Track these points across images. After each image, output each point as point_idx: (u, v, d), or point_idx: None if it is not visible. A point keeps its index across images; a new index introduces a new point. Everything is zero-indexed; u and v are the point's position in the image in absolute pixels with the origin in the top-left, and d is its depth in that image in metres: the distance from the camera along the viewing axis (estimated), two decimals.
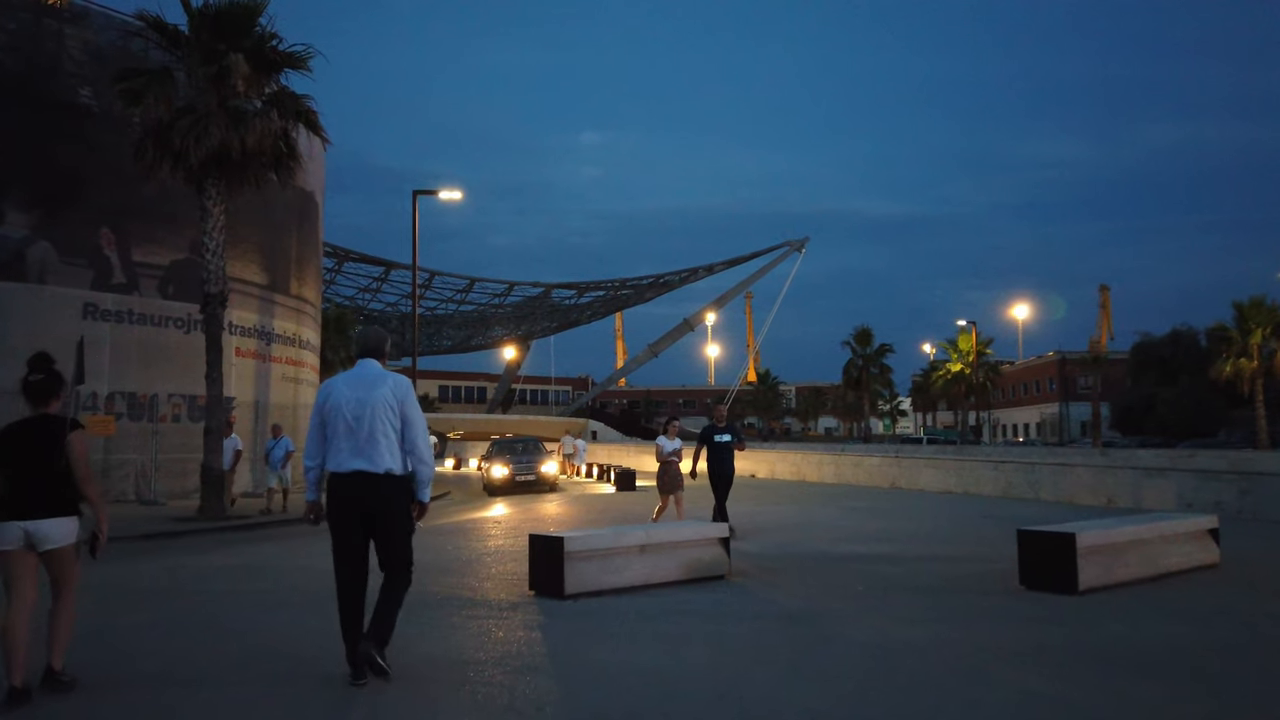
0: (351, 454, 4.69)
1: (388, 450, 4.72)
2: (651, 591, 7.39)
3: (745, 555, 9.45)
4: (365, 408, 4.72)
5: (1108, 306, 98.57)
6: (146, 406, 19.62)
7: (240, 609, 7.26)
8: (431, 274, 64.44)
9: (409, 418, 4.82)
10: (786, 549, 10.43)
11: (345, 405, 4.74)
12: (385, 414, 4.74)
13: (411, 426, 4.81)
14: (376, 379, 4.85)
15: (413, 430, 4.81)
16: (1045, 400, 79.37)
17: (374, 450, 4.68)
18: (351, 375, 4.94)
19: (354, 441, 4.69)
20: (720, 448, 11.77)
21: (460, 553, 10.52)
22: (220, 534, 13.99)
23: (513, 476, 22.49)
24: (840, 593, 7.51)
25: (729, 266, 74.92)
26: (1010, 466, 18.74)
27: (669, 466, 12.15)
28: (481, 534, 12.73)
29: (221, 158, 15.53)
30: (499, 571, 8.89)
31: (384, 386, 4.79)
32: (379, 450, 4.69)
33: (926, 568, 8.82)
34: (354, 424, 4.70)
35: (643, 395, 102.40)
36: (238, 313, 21.83)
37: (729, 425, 12.07)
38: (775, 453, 28.79)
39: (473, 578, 8.54)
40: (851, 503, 17.19)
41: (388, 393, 4.78)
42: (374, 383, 4.82)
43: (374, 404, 4.73)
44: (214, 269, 16.10)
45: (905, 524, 13.35)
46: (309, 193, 25.31)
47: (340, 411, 4.74)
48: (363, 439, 4.69)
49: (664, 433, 12.74)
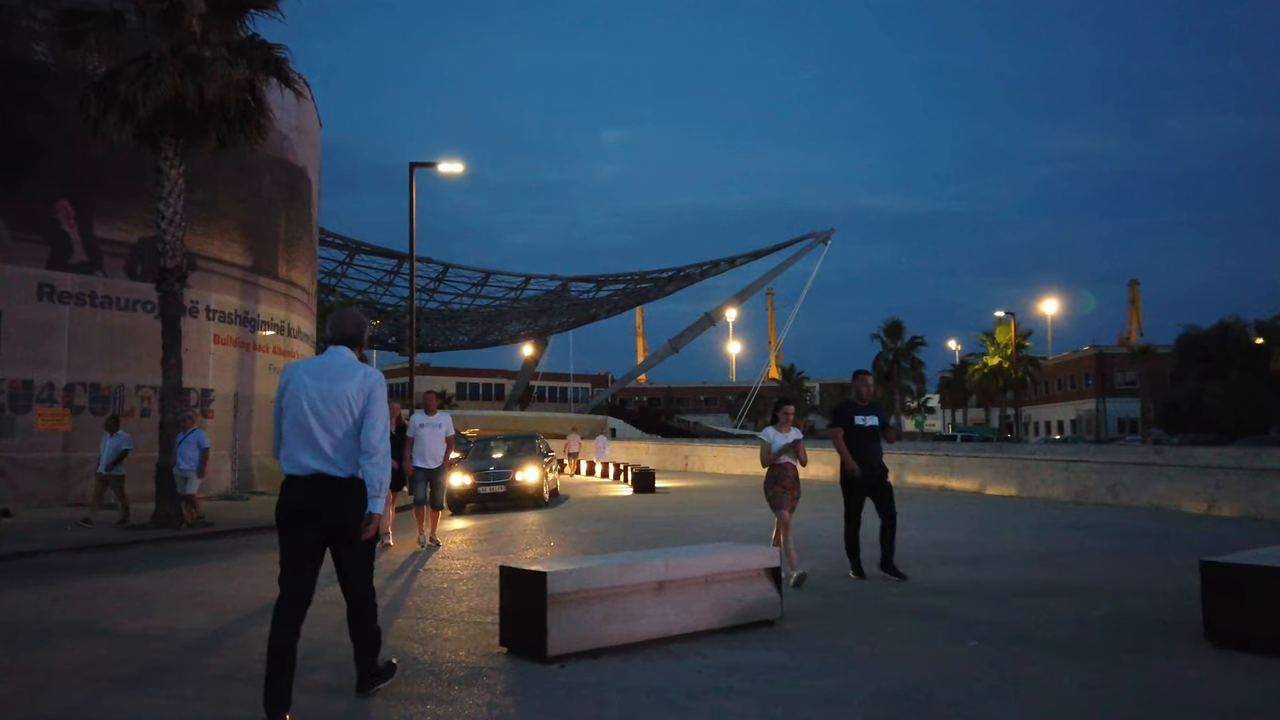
0: (312, 454, 4.13)
1: (354, 452, 4.19)
2: (675, 648, 5.20)
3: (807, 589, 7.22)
4: (330, 403, 4.17)
5: (1137, 302, 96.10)
6: (111, 399, 17.64)
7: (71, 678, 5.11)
8: (446, 266, 62.68)
9: (370, 413, 4.22)
10: (848, 571, 8.18)
11: (307, 397, 4.18)
12: (351, 410, 4.20)
13: (372, 423, 4.21)
14: (346, 370, 4.26)
15: (371, 428, 4.20)
16: (1081, 396, 76.37)
17: (337, 451, 4.14)
18: (317, 363, 4.34)
19: (314, 439, 4.14)
20: (863, 435, 8.18)
21: (426, 578, 8.35)
22: (172, 544, 11.95)
23: (474, 488, 16.13)
24: (945, 649, 5.27)
25: (751, 259, 72.70)
26: (1084, 467, 16.36)
27: (783, 472, 8.28)
28: (462, 550, 10.56)
29: (176, 111, 13.46)
30: (470, 610, 6.71)
31: (352, 379, 4.23)
32: (343, 451, 4.16)
33: (1044, 606, 6.56)
34: (315, 420, 4.15)
35: (663, 392, 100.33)
36: (217, 296, 19.86)
37: (874, 404, 8.52)
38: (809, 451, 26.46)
39: (430, 619, 6.37)
40: (905, 507, 14.84)
41: (355, 386, 4.21)
42: (342, 374, 4.24)
43: (339, 398, 4.18)
44: (171, 240, 14.04)
45: (981, 537, 11.04)
46: (299, 168, 23.30)
47: (299, 403, 4.18)
48: (324, 437, 4.14)
49: (773, 422, 8.60)
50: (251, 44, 14.58)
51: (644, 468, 20.74)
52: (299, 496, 4.12)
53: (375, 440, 4.17)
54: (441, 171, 21.12)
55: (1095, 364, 74.76)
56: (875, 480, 8.18)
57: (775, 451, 8.19)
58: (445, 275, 63.17)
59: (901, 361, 56.58)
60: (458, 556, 9.66)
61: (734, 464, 29.16)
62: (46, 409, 16.49)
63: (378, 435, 4.19)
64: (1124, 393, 72.45)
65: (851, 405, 8.42)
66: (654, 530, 11.99)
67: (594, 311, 76.51)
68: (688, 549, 6.43)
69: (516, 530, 12.50)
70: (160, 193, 14.04)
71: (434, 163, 20.93)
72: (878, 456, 8.26)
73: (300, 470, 4.13)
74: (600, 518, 14.44)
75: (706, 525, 12.54)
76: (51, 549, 11.01)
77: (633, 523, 13.17)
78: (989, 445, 43.16)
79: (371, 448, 4.15)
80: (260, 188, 21.50)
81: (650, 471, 20.17)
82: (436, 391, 13.24)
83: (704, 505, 16.38)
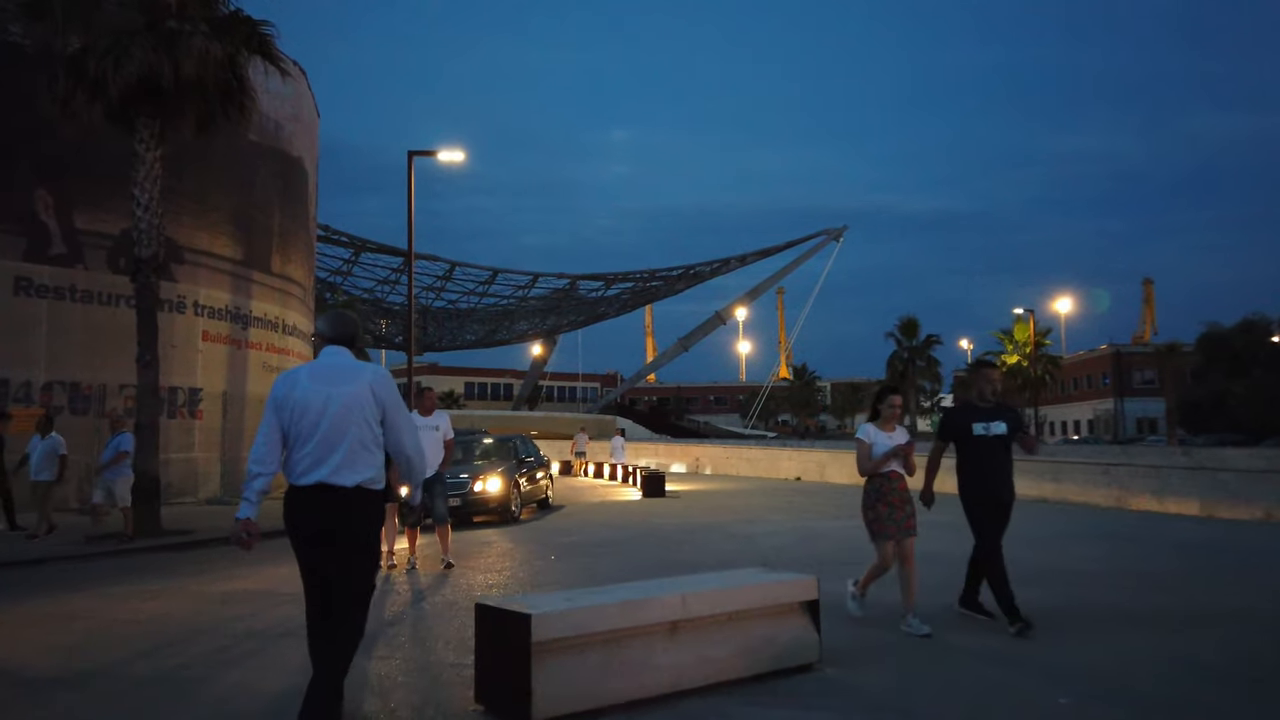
0: (314, 463, 3.85)
1: (363, 459, 3.89)
2: (690, 707, 4.19)
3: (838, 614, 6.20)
4: (336, 405, 3.89)
5: (1151, 300, 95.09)
6: (93, 398, 16.74)
7: None
8: (452, 264, 61.91)
9: (394, 423, 3.99)
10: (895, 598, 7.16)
11: (313, 403, 3.89)
12: (361, 415, 3.91)
13: (397, 429, 4.00)
14: (350, 371, 4.00)
15: (399, 432, 4.01)
16: (1098, 396, 75.02)
17: (343, 459, 3.85)
18: (318, 366, 4.07)
19: (319, 448, 3.85)
20: (988, 449, 6.30)
21: (403, 606, 7.35)
22: (141, 556, 11.01)
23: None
24: (1030, 707, 4.25)
25: (762, 257, 71.73)
26: (1125, 471, 15.27)
27: (888, 485, 6.35)
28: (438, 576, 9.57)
29: (151, 89, 12.53)
30: (449, 645, 5.71)
31: (360, 381, 3.95)
32: (350, 459, 3.86)
33: (1138, 644, 5.52)
34: (323, 426, 3.86)
35: (673, 392, 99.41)
36: (205, 291, 18.94)
37: (1002, 405, 6.52)
38: (826, 452, 25.41)
39: (399, 656, 5.39)
40: (943, 516, 13.81)
41: (364, 389, 3.93)
42: (347, 376, 3.97)
43: (347, 402, 3.90)
44: (146, 227, 13.12)
45: (1033, 550, 9.95)
46: (295, 158, 22.38)
47: (307, 410, 3.89)
48: (330, 445, 3.85)
49: (874, 418, 6.60)
50: (234, 20, 13.65)
51: (653, 470, 19.73)
52: (307, 509, 3.86)
53: (409, 448, 4.05)
54: (441, 160, 20.16)
55: (1112, 363, 73.39)
56: (1003, 508, 6.34)
57: (879, 456, 6.26)
58: (452, 273, 62.37)
59: (917, 360, 55.35)
60: (434, 584, 8.66)
61: (746, 466, 28.10)
62: (23, 409, 15.58)
63: (410, 440, 4.06)
64: (1142, 392, 71.08)
65: (970, 409, 6.41)
66: (662, 544, 10.96)
67: (603, 310, 75.59)
68: (704, 577, 5.37)
69: (501, 550, 11.50)
70: (135, 177, 13.13)
71: (433, 151, 19.97)
72: (1008, 477, 6.32)
73: (306, 481, 3.85)
74: (608, 526, 13.42)
75: (723, 537, 11.49)
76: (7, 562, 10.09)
77: (637, 537, 12.12)
78: None
79: (406, 456, 4.07)
80: (253, 178, 20.59)
81: (660, 475, 19.15)
82: (431, 389, 12.00)
83: (719, 511, 15.36)
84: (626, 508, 16.36)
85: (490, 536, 12.26)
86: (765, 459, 27.62)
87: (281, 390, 3.98)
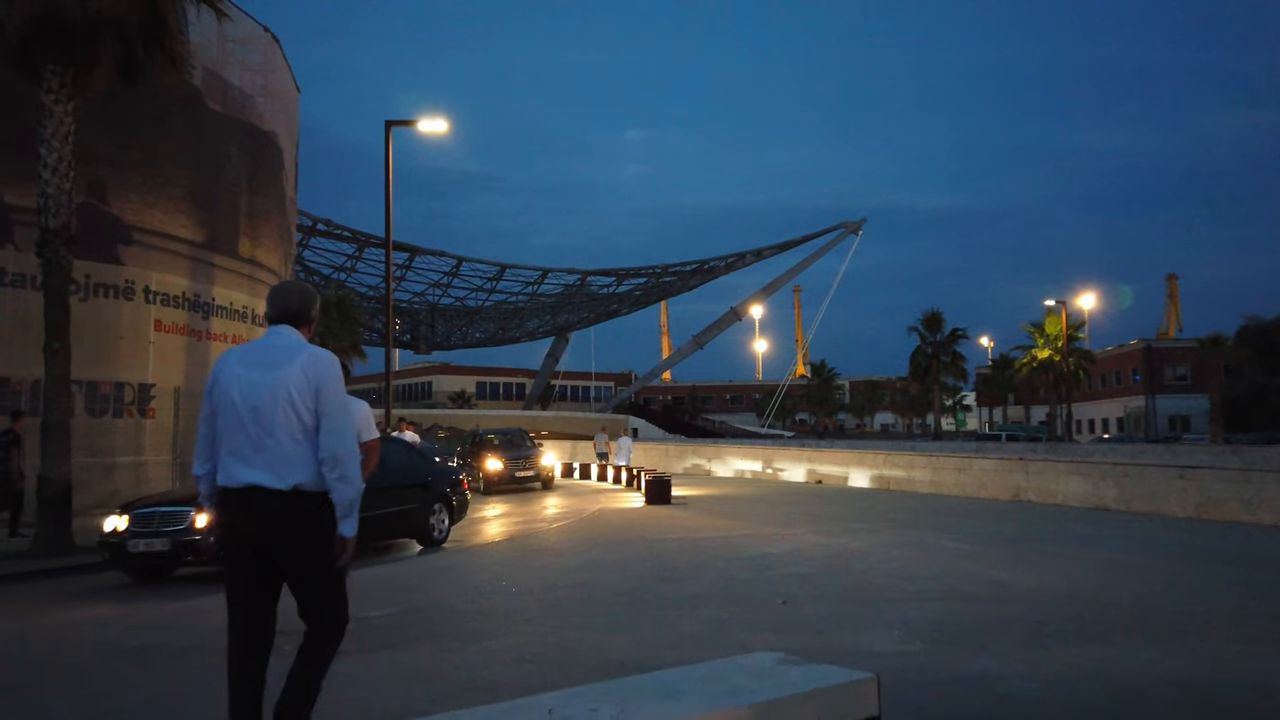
0: (242, 461, 3.33)
1: (296, 456, 3.32)
2: None
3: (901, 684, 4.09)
4: (262, 394, 3.33)
5: (1176, 296, 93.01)
6: (25, 396, 14.85)
7: None
8: (459, 260, 60.29)
9: (326, 411, 3.36)
10: (981, 671, 5.07)
11: (239, 391, 3.36)
12: (290, 404, 3.32)
13: (331, 423, 3.36)
14: (284, 353, 3.39)
15: (331, 430, 3.35)
16: (1128, 393, 72.29)
17: (275, 456, 3.31)
18: (250, 349, 3.53)
19: (247, 443, 3.33)
20: None
21: None
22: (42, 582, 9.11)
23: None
24: None
25: (779, 251, 69.63)
26: (1207, 475, 13.06)
27: None
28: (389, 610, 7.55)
29: (60, 30, 10.63)
30: None
31: (292, 365, 3.35)
32: (282, 456, 3.31)
33: None
34: (248, 417, 3.33)
35: (688, 391, 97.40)
36: (158, 276, 17.03)
37: None
38: (849, 453, 23.22)
39: None
40: (985, 526, 11.68)
41: (296, 373, 3.34)
42: (280, 359, 3.38)
43: (274, 389, 3.32)
44: (55, 193, 11.23)
45: (1138, 582, 7.83)
46: (267, 132, 20.45)
47: (230, 399, 3.37)
48: (259, 440, 3.32)
49: None
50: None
51: (659, 475, 17.66)
52: (234, 515, 3.35)
53: (338, 447, 3.33)
54: (422, 130, 18.20)
55: (1143, 358, 70.67)
56: None
57: None
58: (459, 269, 60.66)
59: (941, 356, 52.96)
60: None
61: (761, 467, 25.95)
62: None
63: (340, 439, 3.34)
64: (1174, 389, 68.38)
65: None
66: (656, 574, 8.87)
67: (615, 307, 73.66)
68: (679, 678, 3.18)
69: (452, 583, 9.47)
70: (43, 134, 11.26)
71: (413, 120, 18.04)
72: None
73: (233, 482, 3.34)
74: (589, 544, 11.36)
75: (732, 561, 9.32)
76: None
77: (627, 562, 9.99)
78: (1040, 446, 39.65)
79: (334, 457, 3.31)
80: (218, 153, 18.66)
81: (666, 480, 17.06)
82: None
83: (730, 523, 13.29)
84: (625, 519, 14.29)
85: (451, 560, 10.21)
86: (781, 460, 25.48)
87: (213, 372, 3.51)
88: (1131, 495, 13.97)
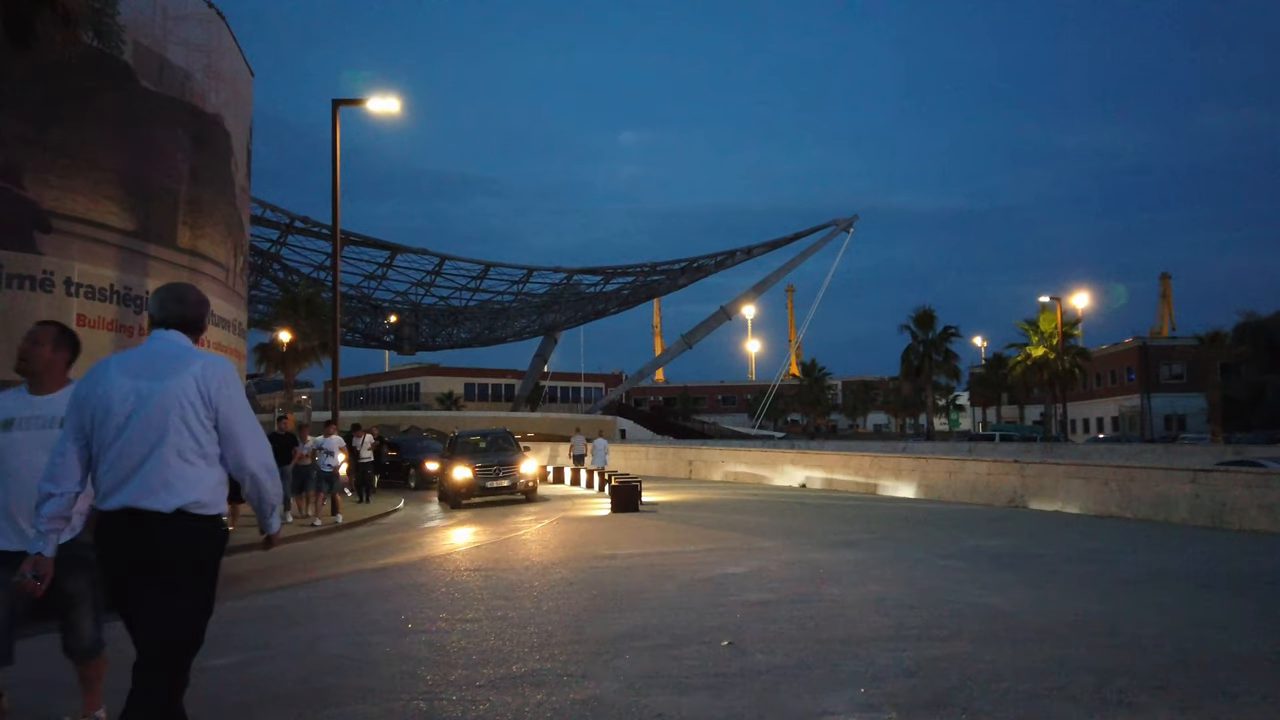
0: (119, 481, 2.96)
1: (184, 477, 2.97)
2: None
3: None
4: (149, 406, 2.97)
5: (1169, 295, 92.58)
6: None
7: None
8: (442, 258, 59.17)
9: (229, 426, 3.04)
10: None
11: (119, 401, 3.00)
12: (180, 417, 2.98)
13: (235, 438, 3.06)
14: (172, 361, 3.05)
15: (238, 442, 3.06)
16: (1123, 392, 71.28)
17: (155, 476, 2.94)
18: (131, 355, 3.15)
19: (127, 461, 2.96)
20: None
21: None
22: None
23: None
24: None
25: (770, 249, 68.65)
26: (1220, 479, 11.84)
27: None
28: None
29: None
30: None
31: (184, 373, 3.02)
32: (165, 476, 2.95)
33: None
34: (130, 432, 2.96)
35: (679, 391, 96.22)
36: (82, 266, 15.68)
37: None
38: (835, 455, 21.96)
39: None
40: (977, 539, 10.42)
41: (188, 383, 3.00)
42: (169, 367, 3.02)
43: (161, 401, 2.97)
44: None
45: (1161, 615, 6.56)
46: (210, 115, 19.11)
47: (110, 412, 3.00)
48: (136, 458, 2.95)
49: None
50: None
51: (628, 479, 16.37)
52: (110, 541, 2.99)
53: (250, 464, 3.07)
54: (372, 110, 16.90)
55: (1138, 357, 69.65)
56: None
57: None
58: (441, 268, 59.46)
59: (934, 354, 51.75)
60: None
61: (746, 470, 24.69)
62: None
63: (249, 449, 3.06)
64: (1169, 387, 67.41)
65: None
66: (592, 605, 7.57)
67: (602, 306, 72.50)
68: None
69: (324, 623, 8.14)
70: None
71: (362, 100, 16.75)
72: None
73: (108, 503, 2.98)
74: (521, 568, 10.06)
75: (685, 585, 7.95)
76: None
77: (564, 587, 8.69)
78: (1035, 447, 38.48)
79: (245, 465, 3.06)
80: (152, 135, 17.33)
81: (634, 485, 15.78)
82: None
83: (697, 534, 12.03)
84: (581, 531, 12.99)
85: (344, 587, 8.90)
86: (767, 462, 24.22)
87: (84, 386, 3.11)
88: (1138, 501, 12.74)
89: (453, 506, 17.89)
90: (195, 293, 3.35)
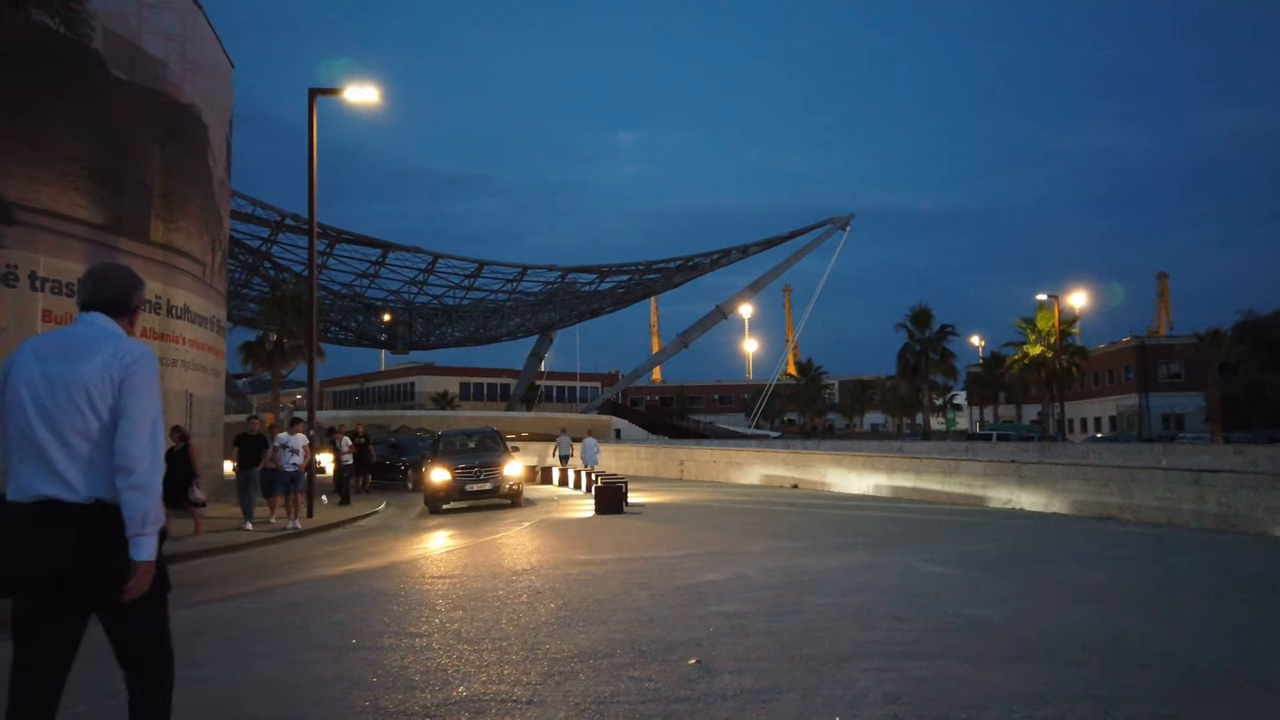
0: (33, 470, 2.79)
1: (96, 464, 2.80)
2: None
3: None
4: (62, 394, 2.81)
5: (1166, 294, 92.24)
6: None
7: None
8: (435, 256, 58.55)
9: (126, 412, 2.81)
10: None
11: (29, 388, 2.83)
12: (89, 402, 2.80)
13: (128, 426, 2.81)
14: (88, 345, 2.88)
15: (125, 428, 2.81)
16: (1120, 391, 70.86)
17: (71, 464, 2.78)
18: (49, 339, 2.99)
19: (38, 448, 2.78)
20: None
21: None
22: None
23: None
24: None
25: (765, 248, 68.01)
26: (1226, 480, 11.36)
27: None
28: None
29: None
30: None
31: (94, 358, 2.84)
32: (80, 464, 2.78)
33: None
34: (40, 421, 2.81)
35: (676, 391, 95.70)
36: (48, 260, 15.21)
37: None
38: (829, 454, 21.48)
39: None
40: (972, 542, 9.94)
41: (97, 368, 2.82)
42: (81, 352, 2.86)
43: (69, 385, 2.81)
44: None
45: (1169, 629, 6.07)
46: (185, 105, 18.65)
47: (20, 398, 2.84)
48: (55, 447, 2.78)
49: None
50: None
51: (612, 480, 15.89)
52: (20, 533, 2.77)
53: (133, 451, 2.77)
54: (349, 100, 16.39)
55: (1136, 356, 69.24)
56: None
57: None
58: (434, 266, 58.87)
59: (930, 353, 51.26)
60: None
61: (738, 470, 24.20)
62: None
63: (137, 444, 2.78)
64: (1167, 387, 67.00)
65: None
66: (556, 616, 7.10)
67: (598, 305, 71.89)
68: None
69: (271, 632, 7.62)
70: None
71: (338, 89, 16.24)
72: None
73: (24, 495, 2.78)
74: (489, 574, 9.57)
75: (659, 595, 7.47)
76: None
77: (531, 595, 8.20)
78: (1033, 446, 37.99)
79: (128, 462, 2.76)
80: (123, 125, 16.83)
81: (618, 486, 15.28)
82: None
83: (680, 537, 11.53)
84: (563, 532, 12.50)
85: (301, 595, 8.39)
86: (760, 462, 23.73)
87: (4, 367, 2.95)
88: (1139, 503, 12.27)
89: (432, 511, 17.08)
90: (117, 270, 3.16)
